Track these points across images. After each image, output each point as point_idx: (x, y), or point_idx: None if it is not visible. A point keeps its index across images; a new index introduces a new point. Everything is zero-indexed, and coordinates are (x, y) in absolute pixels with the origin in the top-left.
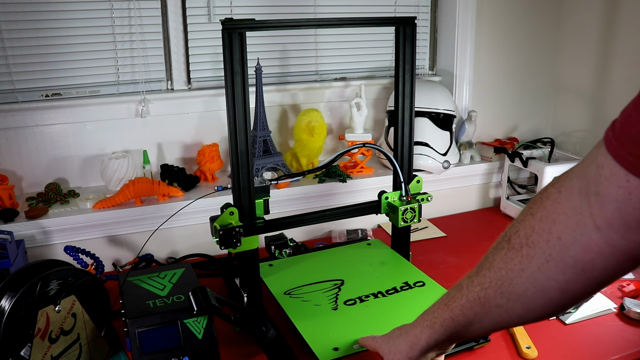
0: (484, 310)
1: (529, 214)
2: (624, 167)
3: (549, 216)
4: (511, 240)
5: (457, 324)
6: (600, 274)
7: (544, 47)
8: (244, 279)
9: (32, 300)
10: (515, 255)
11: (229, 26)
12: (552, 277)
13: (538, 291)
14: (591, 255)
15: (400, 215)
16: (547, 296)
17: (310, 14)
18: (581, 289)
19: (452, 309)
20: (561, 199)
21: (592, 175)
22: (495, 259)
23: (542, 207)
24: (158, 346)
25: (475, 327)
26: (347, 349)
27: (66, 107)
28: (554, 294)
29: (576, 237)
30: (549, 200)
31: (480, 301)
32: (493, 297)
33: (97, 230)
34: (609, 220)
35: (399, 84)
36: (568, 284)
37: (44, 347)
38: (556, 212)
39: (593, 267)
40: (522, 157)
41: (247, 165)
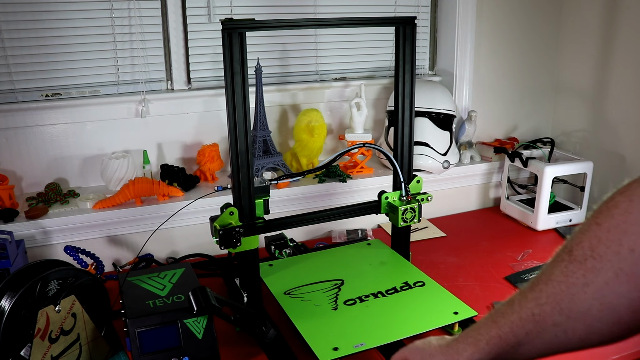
0: (537, 329)
1: (594, 223)
2: None
3: (618, 226)
4: (573, 252)
5: (505, 343)
6: None
7: (544, 47)
8: (244, 279)
9: (32, 300)
10: (579, 269)
11: (229, 26)
12: (622, 293)
13: (604, 309)
14: None
15: (400, 215)
16: (615, 315)
17: (310, 14)
18: None
19: (500, 326)
20: (633, 209)
21: None
22: (554, 272)
23: (610, 216)
24: (158, 346)
25: (525, 349)
26: (347, 349)
27: (66, 107)
28: (623, 312)
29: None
30: (617, 209)
31: (534, 318)
32: (550, 314)
33: (97, 230)
34: None
35: (399, 84)
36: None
37: (44, 347)
38: (627, 223)
39: None
40: (522, 157)
41: (247, 165)
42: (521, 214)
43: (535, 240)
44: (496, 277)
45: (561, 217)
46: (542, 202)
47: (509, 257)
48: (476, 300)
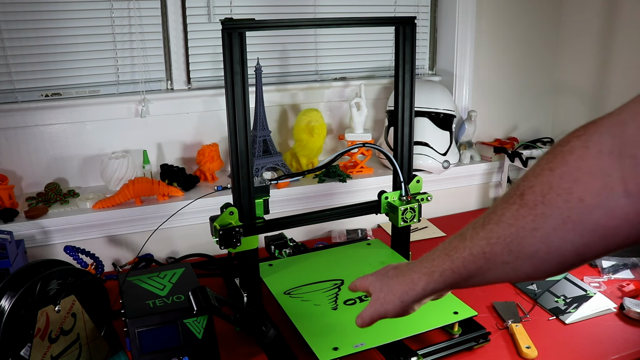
0: (488, 265)
1: (547, 168)
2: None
3: (571, 174)
4: (524, 196)
5: (458, 275)
6: (623, 240)
7: (544, 47)
8: (244, 279)
9: (32, 300)
10: (529, 213)
11: (229, 26)
12: (568, 239)
13: (551, 252)
14: (616, 221)
15: (400, 215)
16: (560, 258)
17: (310, 14)
18: (598, 252)
19: (453, 260)
20: (587, 156)
21: (630, 135)
22: (505, 214)
23: (564, 162)
24: (158, 346)
25: (476, 280)
26: (347, 349)
27: (66, 107)
28: (567, 255)
29: (601, 201)
30: (572, 155)
31: (485, 256)
32: (500, 254)
33: (97, 230)
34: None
35: (399, 84)
36: (585, 247)
37: (43, 347)
38: (580, 171)
39: (616, 234)
40: (522, 156)
41: (247, 165)
42: None
43: None
44: None
45: None
46: None
47: None
48: (476, 300)
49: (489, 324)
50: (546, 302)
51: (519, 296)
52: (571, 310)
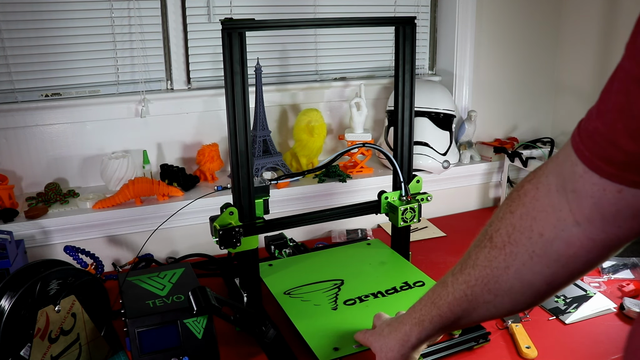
0: (472, 306)
1: (508, 211)
2: (584, 163)
3: (528, 213)
4: (493, 239)
5: (446, 319)
6: (583, 265)
7: (544, 47)
8: (244, 279)
9: (32, 300)
10: (499, 254)
11: (229, 26)
12: (537, 271)
13: (525, 285)
14: (573, 249)
15: (400, 215)
16: (533, 289)
17: (310, 14)
18: (565, 279)
19: (439, 307)
20: (539, 196)
21: (567, 173)
22: (479, 257)
23: (521, 204)
24: (158, 346)
25: (464, 321)
26: (347, 349)
27: (66, 107)
28: (540, 286)
29: (558, 233)
30: (527, 197)
31: (467, 298)
32: (480, 294)
33: (97, 230)
34: (587, 216)
35: (399, 84)
36: (553, 277)
37: (43, 347)
38: (536, 210)
39: (576, 260)
40: (522, 156)
41: (247, 165)
42: None
43: None
44: None
45: None
46: None
47: None
48: None
49: (489, 323)
50: (546, 302)
51: None
52: (571, 310)
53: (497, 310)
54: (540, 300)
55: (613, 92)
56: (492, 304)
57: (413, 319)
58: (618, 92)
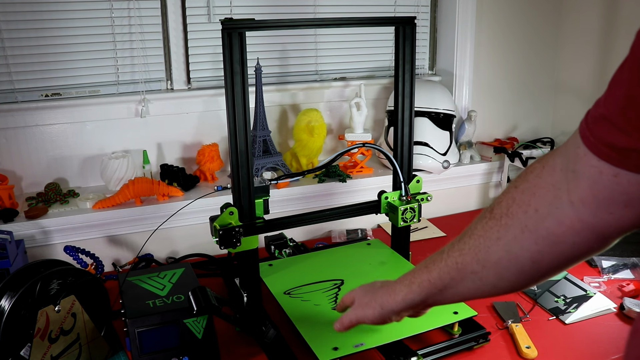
0: (459, 275)
1: (513, 186)
2: (587, 147)
3: (530, 189)
4: (493, 210)
5: (434, 286)
6: (570, 249)
7: (544, 47)
8: (244, 279)
9: (32, 300)
10: (495, 225)
11: (229, 26)
12: (525, 247)
13: (511, 259)
14: (563, 228)
15: (400, 215)
16: (518, 265)
17: (310, 14)
18: (550, 261)
19: (430, 271)
20: (543, 174)
21: (571, 153)
22: (477, 227)
23: (525, 180)
24: (158, 346)
25: (449, 292)
26: (347, 349)
27: (66, 107)
28: (525, 263)
29: (552, 210)
30: (532, 174)
31: (457, 266)
32: (469, 263)
33: (97, 230)
34: (582, 197)
35: (399, 84)
36: (539, 255)
37: (43, 347)
38: (537, 186)
39: (563, 241)
40: (522, 156)
41: (247, 165)
42: None
43: None
44: None
45: None
46: None
47: None
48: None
49: (489, 324)
50: (546, 302)
51: (519, 296)
52: (571, 310)
53: (482, 284)
54: (524, 282)
55: (624, 80)
56: (478, 276)
57: (405, 280)
58: (629, 80)
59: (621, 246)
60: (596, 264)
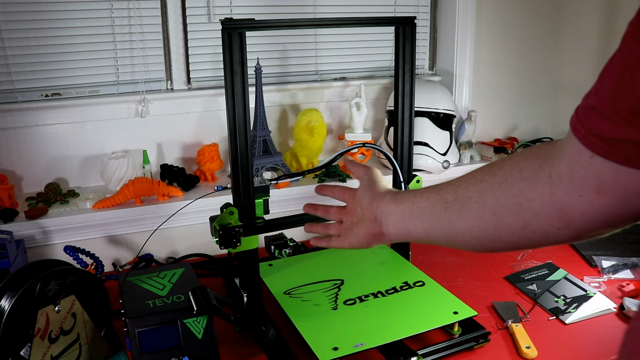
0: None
1: (519, 151)
2: (577, 138)
3: (526, 153)
4: (494, 164)
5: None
6: (531, 217)
7: (544, 47)
8: (244, 279)
9: (32, 300)
10: (486, 170)
11: (229, 26)
12: (495, 196)
13: (479, 203)
14: (533, 194)
15: None
16: (481, 214)
17: (310, 14)
18: (510, 222)
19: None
20: (544, 147)
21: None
22: (475, 175)
23: (530, 149)
24: (158, 346)
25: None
26: (347, 349)
27: (66, 107)
28: (487, 214)
29: (531, 176)
30: (537, 145)
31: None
32: (449, 192)
33: (97, 230)
34: (559, 172)
35: (399, 84)
36: (502, 209)
37: (43, 347)
38: (532, 153)
39: (529, 206)
40: None
41: (247, 165)
42: None
43: None
44: (496, 277)
45: None
46: None
47: (509, 257)
48: (476, 300)
49: (489, 324)
50: (546, 302)
51: (519, 296)
52: (571, 310)
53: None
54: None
55: (614, 71)
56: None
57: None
58: (620, 70)
59: (621, 246)
60: (596, 264)
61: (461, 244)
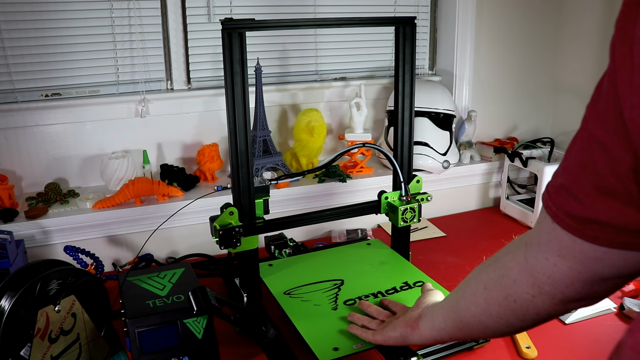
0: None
1: None
2: (550, 215)
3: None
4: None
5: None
6: (511, 285)
7: (544, 47)
8: (244, 279)
9: (32, 300)
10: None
11: (229, 26)
12: (487, 271)
13: (477, 279)
14: (512, 263)
15: (400, 215)
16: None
17: (310, 14)
18: (495, 294)
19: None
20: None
21: None
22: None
23: None
24: (158, 346)
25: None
26: (347, 349)
27: (66, 107)
28: (480, 288)
29: (513, 248)
30: None
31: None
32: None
33: (97, 230)
34: (530, 239)
35: (399, 84)
36: (491, 282)
37: (43, 347)
38: (521, 234)
39: (509, 275)
40: (522, 156)
41: (247, 165)
42: (521, 214)
43: None
44: None
45: None
46: None
47: None
48: None
49: None
50: None
51: None
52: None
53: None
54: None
55: (577, 151)
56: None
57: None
58: (582, 149)
59: None
60: None
61: (466, 327)
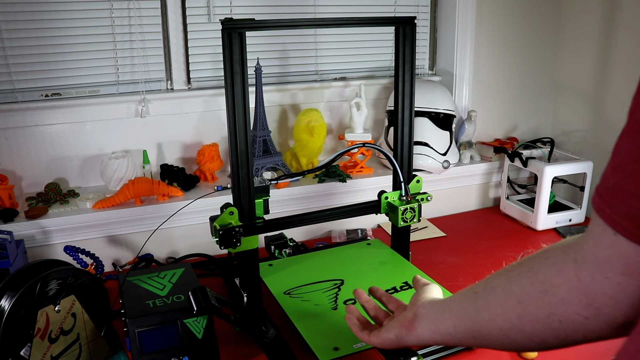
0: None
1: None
2: (603, 219)
3: (559, 241)
4: (522, 257)
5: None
6: (557, 304)
7: (544, 47)
8: (244, 279)
9: (32, 300)
10: (517, 262)
11: (229, 26)
12: (520, 283)
13: (506, 289)
14: (560, 280)
15: (400, 215)
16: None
17: (310, 14)
18: (534, 310)
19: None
20: (571, 237)
21: None
22: (506, 266)
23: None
24: (158, 346)
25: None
26: (347, 349)
27: (66, 107)
28: (512, 301)
29: (557, 261)
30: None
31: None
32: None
33: (97, 230)
34: (584, 254)
35: (399, 84)
36: (527, 296)
37: (43, 347)
38: (557, 244)
39: (554, 292)
40: (522, 156)
41: (247, 165)
42: (521, 214)
43: (535, 240)
44: None
45: (561, 217)
46: (541, 202)
47: (509, 257)
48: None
49: None
50: None
51: None
52: None
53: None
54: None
55: (630, 145)
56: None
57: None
58: (633, 143)
59: None
60: None
61: (485, 338)
